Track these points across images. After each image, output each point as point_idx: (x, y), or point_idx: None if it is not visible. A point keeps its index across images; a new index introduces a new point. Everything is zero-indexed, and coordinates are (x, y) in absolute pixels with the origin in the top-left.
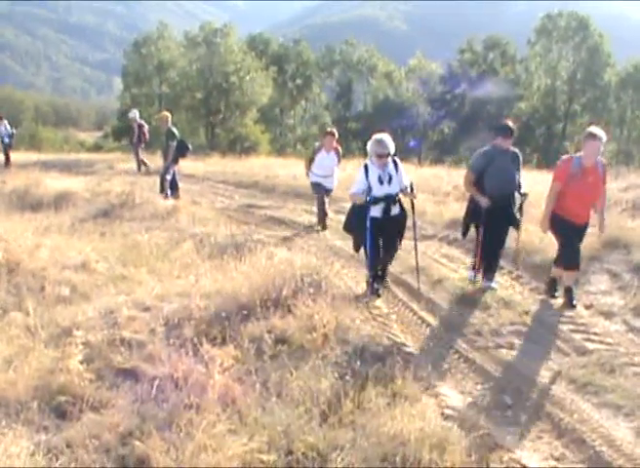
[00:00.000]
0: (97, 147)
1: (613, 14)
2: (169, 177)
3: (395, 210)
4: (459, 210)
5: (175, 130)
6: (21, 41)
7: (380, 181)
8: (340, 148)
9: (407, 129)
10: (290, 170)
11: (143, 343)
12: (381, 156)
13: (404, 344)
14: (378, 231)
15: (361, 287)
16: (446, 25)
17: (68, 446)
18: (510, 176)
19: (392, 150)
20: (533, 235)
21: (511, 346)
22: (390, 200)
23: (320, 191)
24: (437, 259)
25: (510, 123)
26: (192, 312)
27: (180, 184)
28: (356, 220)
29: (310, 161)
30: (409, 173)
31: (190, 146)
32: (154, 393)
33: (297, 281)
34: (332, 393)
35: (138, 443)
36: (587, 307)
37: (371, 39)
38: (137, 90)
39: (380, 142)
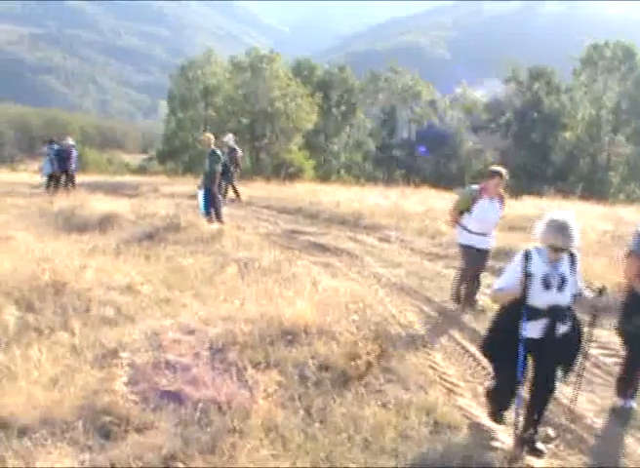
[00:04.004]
0: (141, 170)
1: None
2: (218, 201)
3: (564, 327)
4: (502, 238)
5: (218, 152)
6: (69, 63)
7: (547, 284)
8: (504, 195)
9: (450, 157)
10: (334, 196)
11: (188, 366)
12: (559, 250)
13: (446, 373)
14: (533, 359)
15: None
16: (491, 54)
17: (112, 466)
18: None
19: (577, 242)
20: None
21: None
22: (559, 314)
23: (475, 260)
24: (480, 290)
25: None
26: (237, 336)
27: (225, 209)
28: (502, 339)
29: (461, 212)
30: (451, 201)
31: (232, 167)
32: (198, 416)
33: (341, 308)
34: (374, 420)
35: (181, 465)
36: None
37: (414, 66)
38: (182, 113)
39: (562, 229)
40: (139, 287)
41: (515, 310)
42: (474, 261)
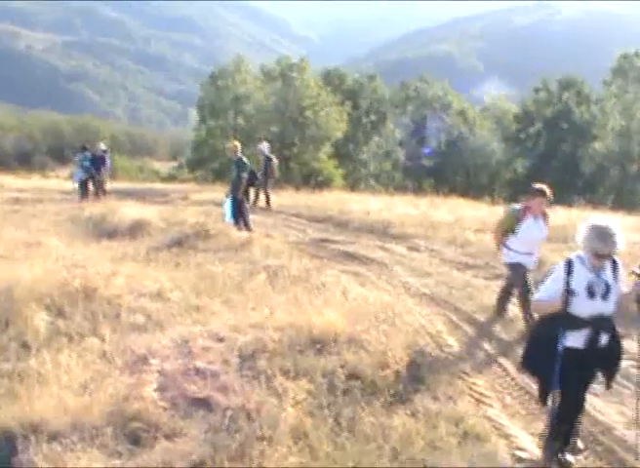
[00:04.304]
0: (171, 177)
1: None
2: (245, 209)
3: (606, 337)
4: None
5: (245, 159)
6: (100, 71)
7: (591, 293)
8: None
9: (480, 167)
10: (363, 205)
11: (217, 374)
12: (603, 257)
13: (475, 384)
14: (574, 370)
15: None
16: (521, 65)
17: None
18: None
19: (622, 246)
20: None
21: None
22: (603, 324)
23: (523, 274)
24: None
25: None
26: (266, 344)
27: (253, 216)
28: (543, 353)
29: (506, 232)
30: (480, 211)
31: (259, 175)
32: (227, 423)
33: (370, 317)
34: (403, 430)
35: None
36: None
37: (445, 75)
38: (212, 122)
39: (606, 235)
40: (168, 293)
41: (557, 320)
42: (523, 276)
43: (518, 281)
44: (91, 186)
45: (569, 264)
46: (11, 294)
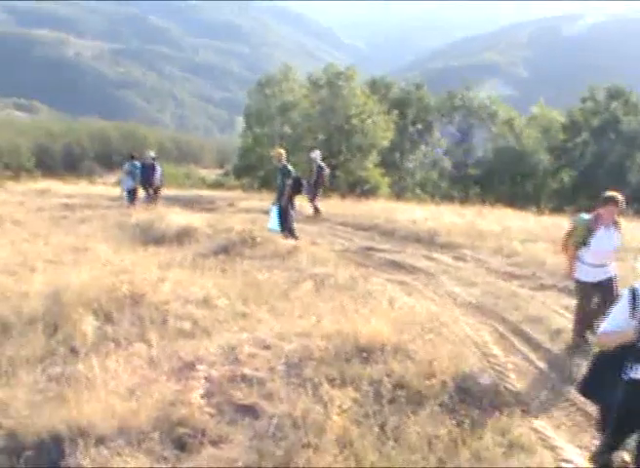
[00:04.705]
0: (217, 184)
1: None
2: (290, 217)
3: None
4: None
5: (290, 167)
6: (148, 78)
7: None
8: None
9: (526, 176)
10: (409, 214)
11: (263, 381)
12: None
13: (520, 394)
14: (637, 402)
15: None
16: (567, 73)
17: None
18: None
19: None
20: None
21: None
22: None
23: (592, 296)
24: (556, 310)
25: None
26: (312, 352)
27: (298, 224)
28: (607, 382)
29: (578, 244)
30: (527, 221)
31: (305, 183)
32: (272, 430)
33: (416, 326)
34: (449, 440)
35: None
36: None
37: (491, 84)
38: (259, 129)
39: None
40: (215, 300)
41: (626, 351)
42: (591, 298)
43: (582, 299)
44: (141, 194)
45: (634, 293)
46: (59, 299)
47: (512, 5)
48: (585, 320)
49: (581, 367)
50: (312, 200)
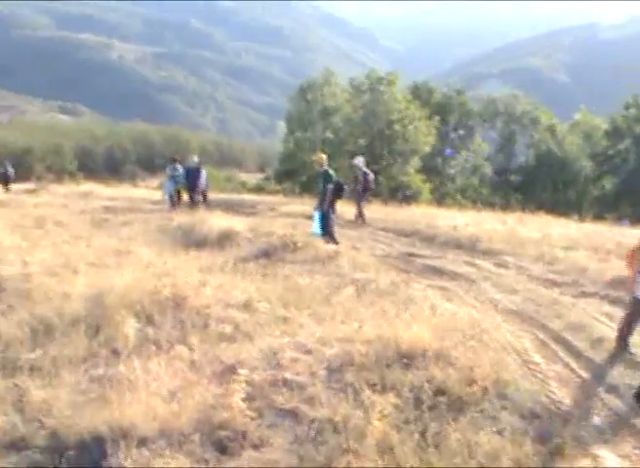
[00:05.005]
0: (259, 188)
1: None
2: (331, 221)
3: None
4: (621, 267)
5: (331, 171)
6: (190, 83)
7: None
8: None
9: (568, 183)
10: (450, 220)
11: (304, 385)
12: None
13: (561, 402)
14: None
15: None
16: (609, 80)
17: None
18: None
19: None
20: None
21: None
22: None
23: None
24: (597, 318)
25: None
26: (354, 357)
27: (340, 229)
28: None
29: None
30: (569, 228)
31: (346, 187)
32: (313, 435)
33: (457, 332)
34: (489, 447)
35: None
36: None
37: (532, 89)
38: (300, 134)
39: None
40: (256, 304)
41: None
42: None
43: (636, 312)
44: (185, 197)
45: None
46: (102, 301)
47: (549, 10)
48: (631, 330)
49: (625, 376)
50: (359, 206)
